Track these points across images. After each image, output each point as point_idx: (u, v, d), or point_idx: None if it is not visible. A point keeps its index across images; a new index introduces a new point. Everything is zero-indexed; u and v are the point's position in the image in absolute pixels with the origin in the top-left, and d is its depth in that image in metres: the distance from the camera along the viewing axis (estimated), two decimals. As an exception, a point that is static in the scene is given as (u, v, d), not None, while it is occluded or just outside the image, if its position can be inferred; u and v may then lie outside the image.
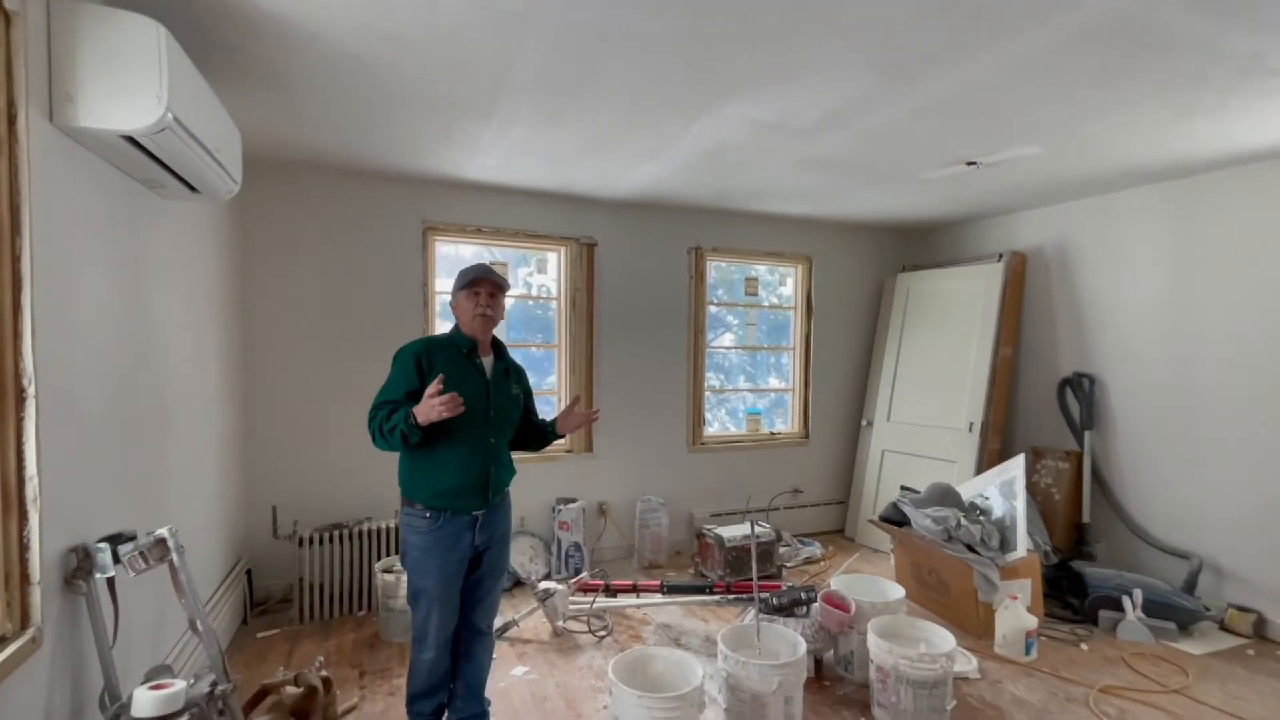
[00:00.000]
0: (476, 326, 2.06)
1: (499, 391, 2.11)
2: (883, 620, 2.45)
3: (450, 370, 1.98)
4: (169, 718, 1.49)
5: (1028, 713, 2.39)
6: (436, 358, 2.01)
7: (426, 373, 1.96)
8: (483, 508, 2.03)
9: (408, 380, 1.96)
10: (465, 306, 2.05)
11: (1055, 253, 3.99)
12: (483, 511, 2.03)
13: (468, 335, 2.08)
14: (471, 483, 2.00)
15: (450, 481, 1.97)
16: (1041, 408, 4.07)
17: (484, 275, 2.06)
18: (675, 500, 4.23)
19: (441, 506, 1.97)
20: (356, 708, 2.38)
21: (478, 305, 2.03)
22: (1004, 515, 3.20)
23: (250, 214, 3.26)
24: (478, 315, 2.04)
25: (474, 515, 2.01)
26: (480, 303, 2.04)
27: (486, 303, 2.04)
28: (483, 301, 2.04)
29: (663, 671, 2.12)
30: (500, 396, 2.11)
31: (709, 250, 4.33)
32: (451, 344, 2.08)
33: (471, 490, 2.00)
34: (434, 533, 1.97)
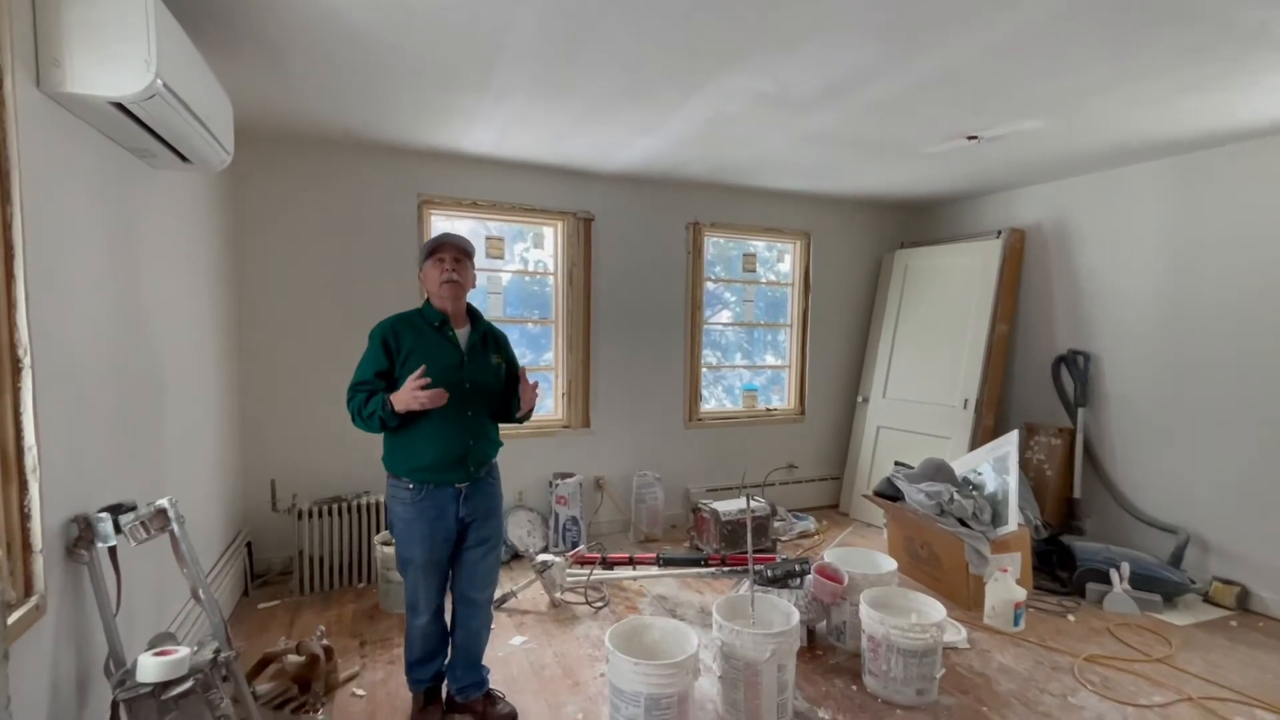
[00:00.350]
0: (445, 294, 2.03)
1: (475, 363, 2.08)
2: (875, 591, 2.49)
3: (420, 345, 2.00)
4: (173, 683, 1.51)
5: (1014, 681, 2.45)
6: (404, 334, 2.01)
7: (394, 351, 1.98)
8: (465, 480, 2.03)
9: (375, 361, 1.98)
10: (432, 275, 2.04)
11: (1054, 230, 3.98)
12: (466, 484, 2.04)
13: (437, 308, 2.06)
14: (451, 457, 2.00)
15: (429, 457, 1.98)
16: (1036, 385, 4.10)
17: (446, 240, 2.04)
18: (671, 475, 4.26)
19: (423, 480, 1.99)
20: (358, 675, 2.42)
21: (443, 271, 2.01)
22: (996, 490, 3.24)
23: (243, 186, 3.22)
24: (444, 282, 2.01)
25: (457, 488, 2.02)
26: (445, 268, 2.01)
27: (451, 267, 2.02)
28: (447, 266, 2.01)
29: (659, 640, 2.16)
30: (477, 368, 2.08)
31: (707, 226, 4.31)
32: (420, 318, 2.07)
33: (451, 464, 2.00)
34: (417, 504, 1.99)
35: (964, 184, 4.13)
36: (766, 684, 2.09)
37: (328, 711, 2.19)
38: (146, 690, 1.48)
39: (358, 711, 2.20)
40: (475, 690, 2.18)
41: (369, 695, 2.30)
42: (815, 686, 2.40)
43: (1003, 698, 2.33)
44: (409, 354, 1.99)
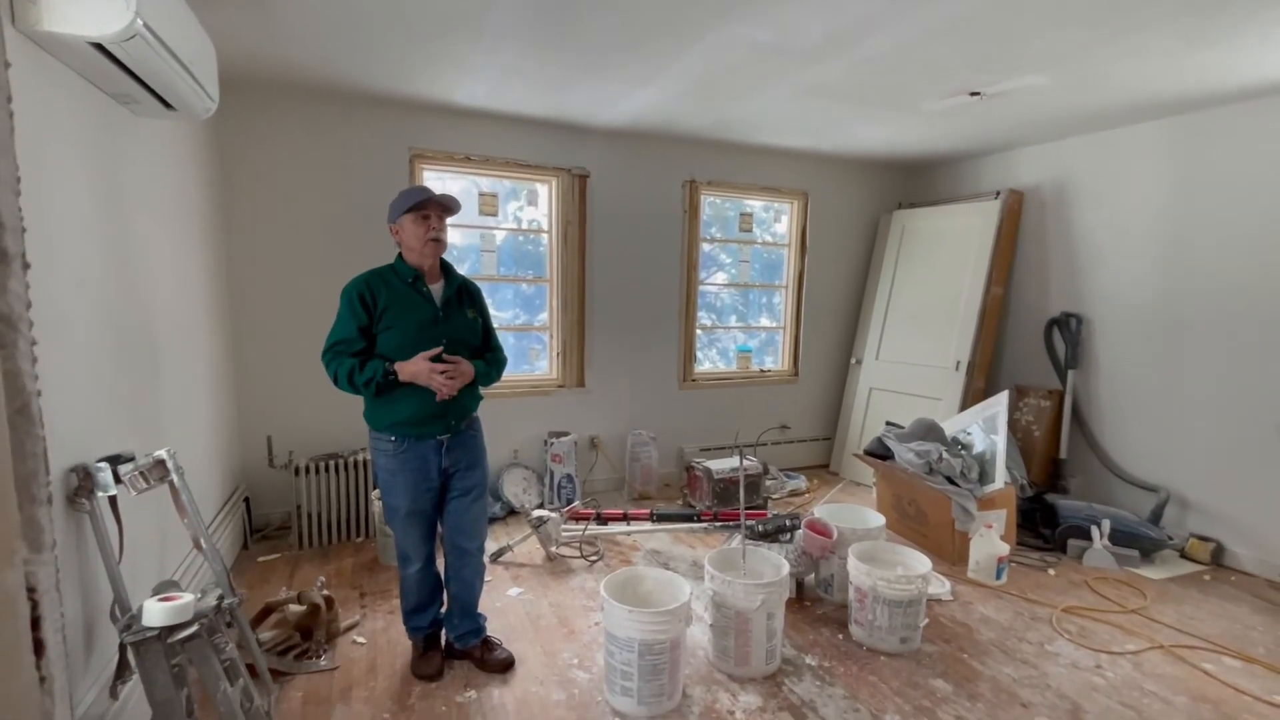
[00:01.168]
0: (427, 253, 2.01)
1: (451, 319, 2.08)
2: (863, 545, 2.56)
3: (394, 302, 2.00)
4: (179, 628, 1.55)
5: (994, 630, 2.54)
6: (379, 291, 2.00)
7: (371, 307, 1.98)
8: (446, 433, 2.06)
9: (356, 317, 1.97)
10: (413, 232, 1.99)
11: (1053, 191, 3.95)
12: (447, 436, 2.07)
13: (411, 264, 2.04)
14: (431, 411, 2.02)
15: (409, 411, 2.00)
16: (1028, 347, 4.13)
17: (432, 197, 1.99)
18: (666, 435, 4.31)
19: (404, 434, 2.02)
20: (358, 624, 2.48)
21: (429, 229, 1.98)
22: (985, 449, 3.30)
23: (231, 137, 3.14)
24: (429, 240, 1.99)
25: (439, 440, 2.06)
26: (431, 226, 1.99)
27: (438, 225, 2.00)
28: (434, 224, 1.99)
29: (652, 590, 2.22)
30: (453, 324, 2.08)
31: (704, 184, 4.25)
32: (393, 274, 2.05)
33: (432, 418, 2.03)
34: (400, 456, 2.03)
35: (964, 143, 4.07)
36: (756, 631, 2.16)
37: (330, 658, 2.25)
38: (153, 634, 1.52)
39: (359, 658, 2.27)
40: (473, 637, 2.24)
41: (370, 643, 2.36)
42: (803, 635, 2.48)
43: (983, 646, 2.42)
44: (384, 310, 1.99)
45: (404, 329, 1.99)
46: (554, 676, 2.18)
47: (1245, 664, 2.32)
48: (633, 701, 1.97)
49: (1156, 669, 2.28)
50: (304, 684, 2.11)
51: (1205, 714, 2.04)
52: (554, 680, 2.16)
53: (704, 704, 2.05)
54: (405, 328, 1.99)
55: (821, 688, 2.14)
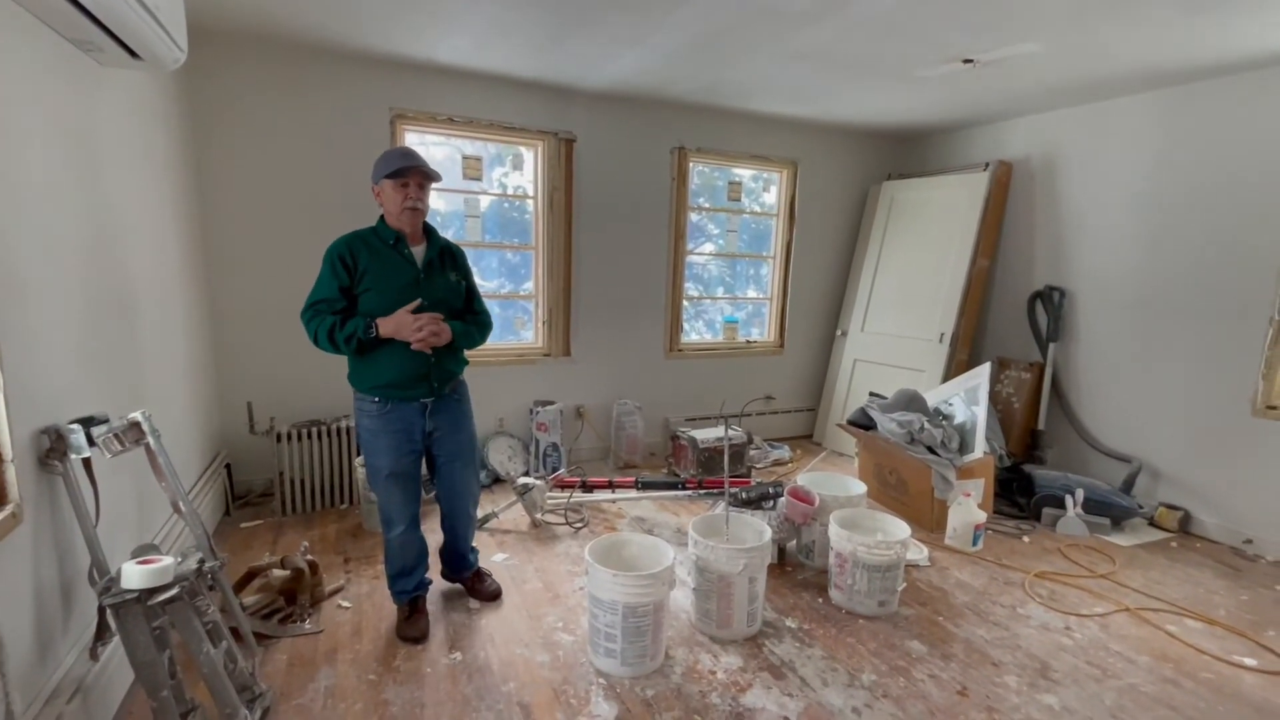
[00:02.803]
0: (405, 220, 2.02)
1: (433, 281, 2.09)
2: (844, 512, 2.60)
3: (375, 264, 2.01)
4: (159, 590, 1.54)
5: (969, 594, 2.61)
6: (360, 253, 2.00)
7: (352, 268, 1.98)
8: (430, 396, 2.09)
9: (337, 277, 1.98)
10: (393, 197, 1.99)
11: (1041, 163, 3.94)
12: (431, 400, 2.09)
13: (393, 227, 2.04)
14: (414, 373, 2.03)
15: (392, 374, 2.02)
16: (1011, 320, 4.17)
17: (412, 164, 1.98)
18: (651, 404, 4.32)
19: (387, 396, 2.05)
20: (343, 589, 2.49)
21: (406, 198, 1.98)
22: (965, 420, 3.35)
23: (205, 95, 3.02)
24: (406, 209, 1.99)
25: (422, 403, 2.09)
26: (409, 194, 1.99)
27: (416, 195, 2.00)
28: (411, 194, 1.99)
29: (636, 554, 2.24)
30: (435, 285, 2.08)
31: (692, 151, 4.18)
32: (375, 236, 2.05)
33: (415, 380, 2.05)
34: (383, 417, 2.06)
35: (955, 113, 4.04)
36: (738, 595, 2.20)
37: (314, 622, 2.26)
38: (132, 596, 1.51)
39: (344, 621, 2.28)
40: (466, 570, 2.44)
41: (354, 607, 2.37)
42: (784, 599, 2.53)
43: (957, 609, 2.49)
44: (364, 272, 1.99)
45: (384, 291, 1.99)
46: (539, 639, 2.21)
47: (1207, 626, 2.41)
48: (616, 662, 2.00)
49: (1122, 630, 2.36)
50: (289, 647, 2.11)
51: (1166, 672, 2.12)
52: (539, 642, 2.19)
53: (686, 664, 2.09)
54: (385, 290, 1.99)
55: (801, 649, 2.20)
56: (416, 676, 1.99)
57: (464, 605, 2.42)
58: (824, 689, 1.98)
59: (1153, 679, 2.08)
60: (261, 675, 1.94)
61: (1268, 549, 3.03)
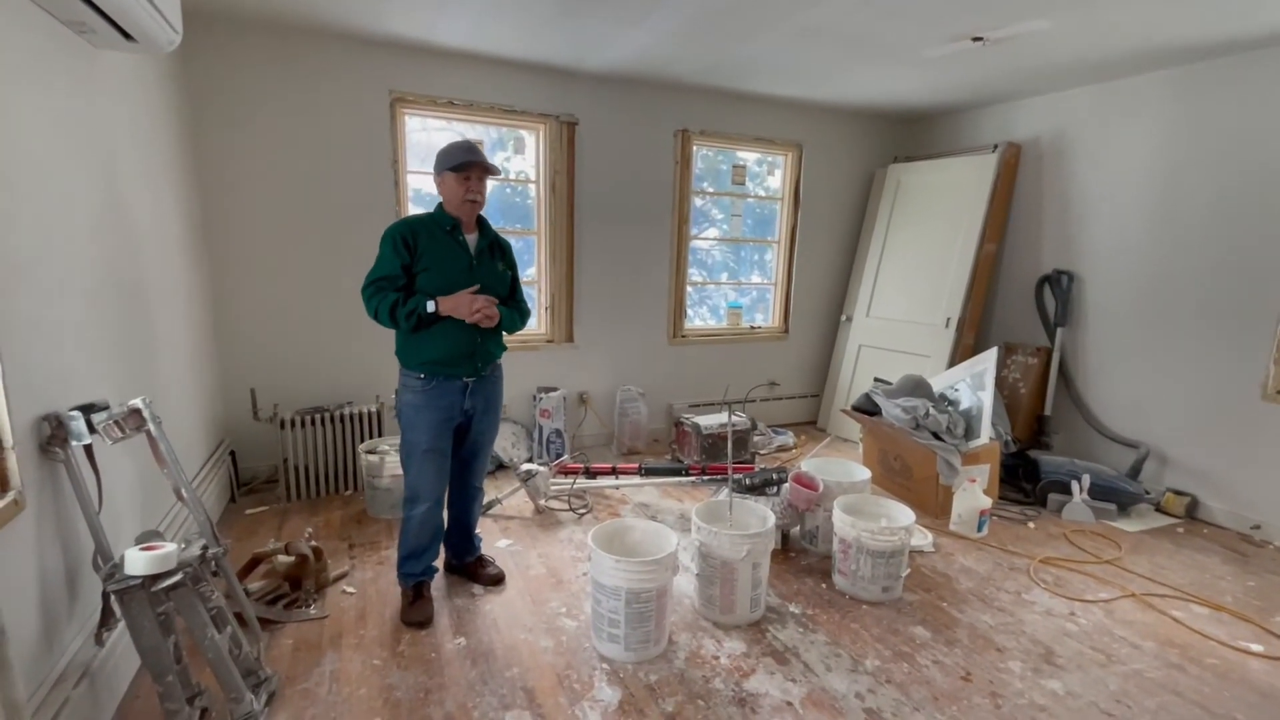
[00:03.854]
0: (464, 211, 2.14)
1: (484, 267, 2.20)
2: (848, 498, 2.59)
3: (433, 247, 2.11)
4: (162, 577, 1.54)
5: (974, 580, 2.60)
6: (420, 235, 2.11)
7: (413, 248, 2.09)
8: (472, 375, 2.19)
9: (399, 255, 2.08)
10: (454, 189, 2.10)
11: (1051, 144, 3.87)
12: (473, 379, 2.19)
13: (451, 214, 2.15)
14: (461, 352, 2.14)
15: (440, 351, 2.12)
16: (1018, 305, 4.13)
17: (475, 159, 2.08)
18: (654, 391, 4.30)
19: (434, 372, 2.13)
20: (347, 575, 2.50)
21: (468, 191, 2.10)
22: (971, 406, 3.32)
23: (202, 77, 2.99)
24: (466, 201, 2.11)
25: (464, 381, 2.17)
26: (471, 188, 2.10)
27: (477, 189, 2.12)
28: (473, 187, 2.11)
29: (640, 540, 2.24)
30: (485, 272, 2.19)
31: (696, 134, 4.13)
32: (434, 222, 2.15)
33: (461, 359, 2.15)
34: (426, 392, 2.14)
35: (963, 94, 3.97)
36: (741, 581, 2.19)
37: (319, 607, 2.27)
38: (135, 583, 1.51)
39: (349, 607, 2.29)
40: (469, 554, 2.50)
41: (359, 592, 2.38)
42: (787, 585, 2.53)
43: (962, 595, 2.48)
44: (422, 254, 2.10)
45: (441, 272, 2.10)
46: (542, 624, 2.21)
47: (1213, 611, 2.40)
48: (620, 648, 2.01)
49: (1127, 616, 2.36)
50: (294, 632, 2.13)
51: (1172, 657, 2.11)
52: (542, 628, 2.19)
53: (689, 650, 2.09)
54: (442, 271, 2.10)
55: (804, 634, 2.20)
56: (421, 661, 2.00)
57: (467, 590, 2.42)
58: (827, 674, 1.98)
59: (1158, 664, 2.07)
60: (267, 660, 1.96)
61: (1276, 534, 3.01)
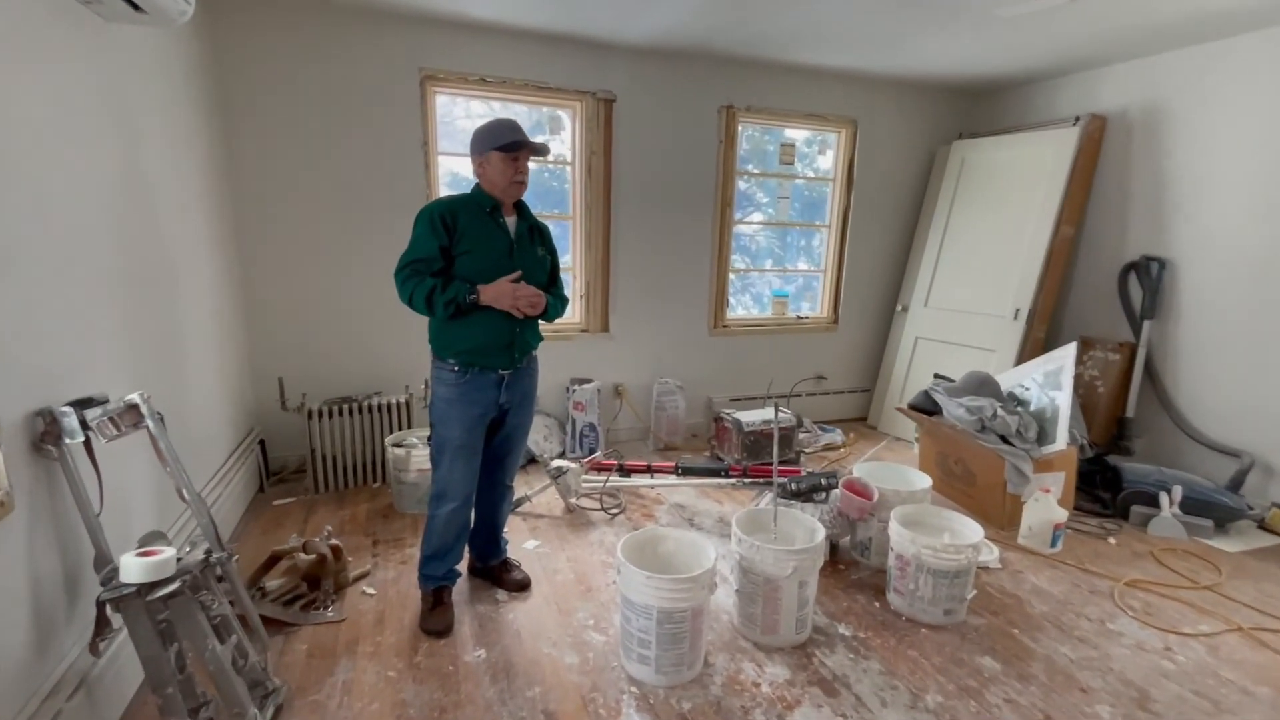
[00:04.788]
0: (511, 194, 2.00)
1: (524, 252, 2.05)
2: (906, 509, 2.34)
3: (472, 228, 1.96)
4: (159, 584, 1.44)
5: (1048, 603, 2.32)
6: (459, 215, 1.96)
7: (451, 229, 1.94)
8: (509, 367, 2.05)
9: (437, 236, 1.92)
10: (501, 170, 1.94)
11: (1142, 116, 3.46)
12: (509, 371, 2.05)
13: (493, 197, 2.00)
14: (498, 342, 2.00)
15: (477, 340, 1.98)
16: (1096, 295, 3.74)
17: (524, 140, 1.93)
18: (693, 383, 4.10)
19: (469, 363, 1.99)
20: (369, 574, 2.40)
21: (517, 172, 1.96)
22: (1044, 406, 3.00)
23: (226, 55, 2.90)
24: (514, 183, 1.97)
25: (500, 374, 2.03)
26: (520, 169, 1.96)
27: (525, 170, 1.97)
28: (522, 168, 1.96)
29: (674, 551, 2.06)
30: (525, 257, 2.05)
31: (742, 110, 3.86)
32: (474, 203, 2.00)
33: (498, 349, 2.01)
34: (460, 386, 2.00)
35: (1040, 61, 3.58)
36: (786, 600, 1.98)
37: (337, 609, 2.17)
38: (131, 590, 1.41)
39: (367, 609, 2.18)
40: (494, 556, 2.35)
41: (379, 594, 2.28)
42: (836, 602, 2.31)
43: (1035, 620, 2.21)
44: (463, 235, 1.95)
45: (482, 256, 1.96)
46: (568, 638, 2.06)
47: (1339, 653, 2.07)
48: (650, 670, 1.83)
49: (1234, 654, 2.05)
50: (309, 636, 2.03)
51: (1294, 709, 1.81)
52: (568, 642, 2.04)
53: (727, 674, 1.90)
54: (484, 255, 1.96)
55: (856, 660, 1.98)
56: (437, 675, 1.87)
57: (491, 596, 2.29)
58: (882, 710, 1.76)
59: (1276, 717, 1.78)
60: (278, 667, 1.86)
61: None
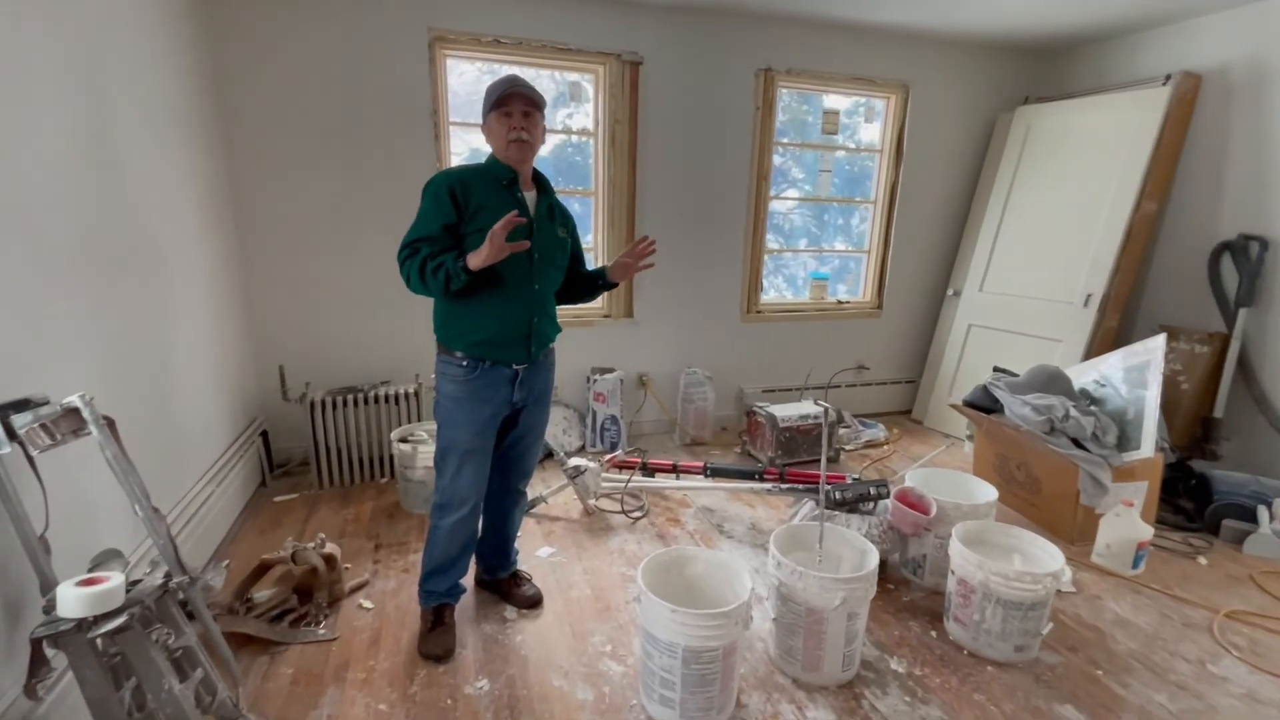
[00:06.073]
0: (512, 155, 1.74)
1: (544, 231, 1.81)
2: (969, 527, 2.04)
3: (488, 202, 1.71)
4: (107, 617, 1.23)
5: (1135, 638, 2.01)
6: (473, 188, 1.71)
7: (462, 205, 1.70)
8: (525, 361, 1.82)
9: (443, 212, 1.69)
10: (497, 131, 1.72)
11: (1246, 73, 3.02)
12: (524, 365, 1.83)
13: (505, 164, 1.76)
14: (513, 333, 1.78)
15: (490, 330, 1.75)
16: (1180, 279, 3.33)
17: (514, 89, 1.69)
18: (723, 373, 3.81)
19: (480, 356, 1.76)
20: (368, 584, 2.20)
21: (510, 128, 1.70)
22: (1125, 406, 2.65)
23: (215, 14, 2.67)
24: (511, 141, 1.71)
25: (514, 369, 1.81)
26: (513, 125, 1.70)
27: (520, 124, 1.70)
28: (515, 123, 1.70)
29: (702, 574, 1.80)
30: (545, 237, 1.81)
31: (781, 74, 3.50)
32: (489, 174, 1.76)
33: (513, 341, 1.79)
34: (469, 382, 1.78)
35: (1121, 12, 3.15)
36: (832, 634, 1.72)
37: (330, 625, 1.97)
38: (70, 626, 1.21)
39: (363, 626, 1.98)
40: (503, 569, 2.15)
41: (377, 608, 2.07)
42: (886, 630, 2.03)
43: (1121, 659, 1.91)
44: (476, 210, 1.70)
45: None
46: (581, 667, 1.83)
47: None
48: (674, 714, 1.59)
49: (1370, 710, 1.72)
50: (297, 657, 1.83)
51: None
52: (580, 672, 1.81)
53: (763, 718, 1.65)
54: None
55: (912, 706, 1.71)
56: (433, 710, 1.65)
57: (498, 613, 2.07)
58: (948, 773, 1.50)
59: None
60: (259, 696, 1.66)
61: None
